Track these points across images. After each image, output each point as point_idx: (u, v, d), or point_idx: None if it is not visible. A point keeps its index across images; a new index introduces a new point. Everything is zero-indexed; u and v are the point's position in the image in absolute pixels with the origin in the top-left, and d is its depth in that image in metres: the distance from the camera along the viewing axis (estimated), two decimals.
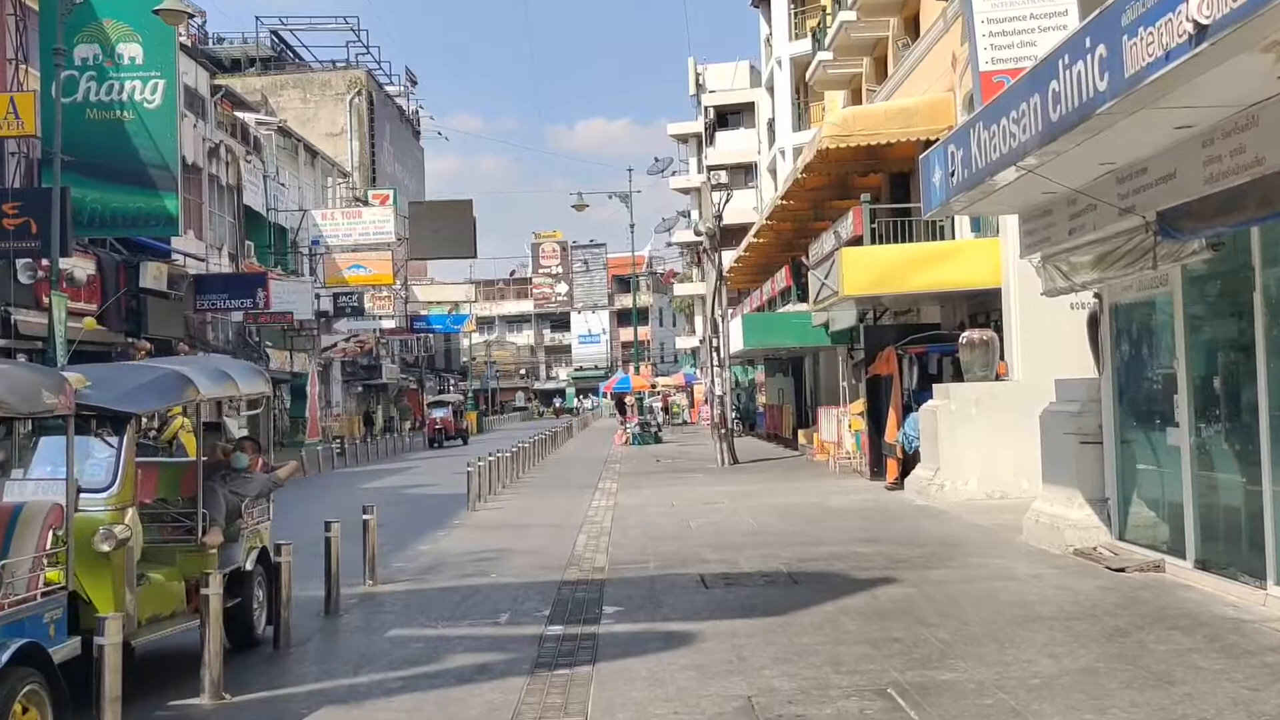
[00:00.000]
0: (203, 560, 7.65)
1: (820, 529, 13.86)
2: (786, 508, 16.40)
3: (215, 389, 7.97)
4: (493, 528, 15.76)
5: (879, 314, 21.50)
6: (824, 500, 17.20)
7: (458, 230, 49.69)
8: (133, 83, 28.67)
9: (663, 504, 17.74)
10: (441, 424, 44.03)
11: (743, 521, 15.04)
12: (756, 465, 25.85)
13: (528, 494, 20.97)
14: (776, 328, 29.43)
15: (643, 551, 12.59)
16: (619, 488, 21.22)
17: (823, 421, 25.22)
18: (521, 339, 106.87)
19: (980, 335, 16.63)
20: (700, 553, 12.28)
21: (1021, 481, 15.91)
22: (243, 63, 70.71)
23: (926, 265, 17.32)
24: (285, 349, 44.87)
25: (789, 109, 40.20)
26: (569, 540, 13.84)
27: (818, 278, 20.00)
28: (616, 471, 25.85)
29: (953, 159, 10.27)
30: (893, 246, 18.38)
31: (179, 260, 34.90)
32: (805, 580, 10.32)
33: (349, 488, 24.55)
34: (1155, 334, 10.23)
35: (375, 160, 70.77)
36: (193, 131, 37.64)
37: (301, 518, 18.37)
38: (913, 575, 10.24)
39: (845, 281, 17.36)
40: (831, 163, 23.13)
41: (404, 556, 13.20)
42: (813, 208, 29.00)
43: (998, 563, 10.72)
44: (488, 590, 10.60)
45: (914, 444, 17.55)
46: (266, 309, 36.22)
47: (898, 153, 23.33)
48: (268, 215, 43.87)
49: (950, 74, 20.25)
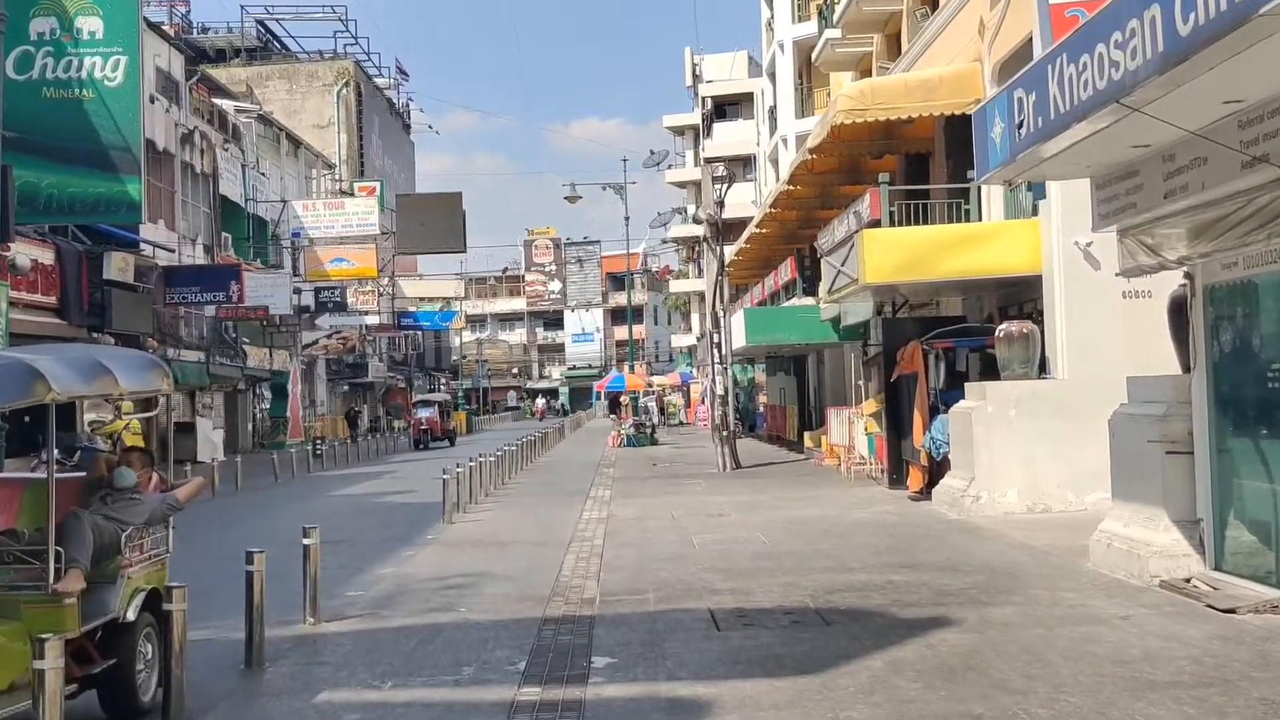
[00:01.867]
0: (58, 614, 5.75)
1: (844, 549, 12.00)
2: (801, 522, 14.54)
3: (79, 385, 6.06)
4: (469, 544, 13.87)
5: (898, 306, 19.61)
6: (842, 513, 15.33)
7: (446, 224, 47.58)
8: (93, 59, 26.74)
9: (661, 516, 15.88)
10: (427, 424, 42.05)
11: (753, 538, 13.17)
12: (760, 470, 23.98)
13: (512, 503, 19.08)
14: (781, 323, 27.57)
15: (640, 577, 10.72)
16: (613, 495, 19.35)
17: (832, 423, 23.35)
18: (514, 337, 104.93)
19: (1020, 327, 14.78)
20: (707, 579, 10.42)
21: (1067, 493, 14.14)
22: (227, 53, 68.85)
23: (957, 249, 15.44)
24: (264, 346, 42.92)
25: (791, 95, 38.35)
26: (555, 561, 11.98)
27: (832, 265, 18.12)
28: (610, 476, 23.97)
29: (1021, 107, 8.40)
30: (920, 228, 16.52)
31: (147, 251, 32.96)
32: (839, 620, 8.45)
33: (319, 494, 22.65)
34: (1267, 320, 8.36)
35: (364, 154, 68.83)
36: (165, 116, 35.69)
37: (262, 529, 16.61)
38: (971, 615, 8.38)
39: (866, 267, 15.47)
40: (844, 142, 21.27)
41: (361, 582, 11.31)
42: (819, 195, 27.13)
43: (1070, 597, 8.85)
44: (452, 631, 8.71)
45: (942, 450, 15.69)
46: (240, 303, 34.22)
47: (916, 131, 21.51)
48: (246, 206, 41.91)
49: (976, 43, 18.41)
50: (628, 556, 12.08)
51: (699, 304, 66.49)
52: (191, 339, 37.68)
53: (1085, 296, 14.27)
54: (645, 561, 11.68)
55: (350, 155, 67.24)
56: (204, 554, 13.12)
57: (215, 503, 21.50)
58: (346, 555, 13.32)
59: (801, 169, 23.58)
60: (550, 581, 10.73)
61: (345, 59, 69.34)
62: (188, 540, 15.16)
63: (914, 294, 18.95)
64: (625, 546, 12.84)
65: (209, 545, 14.61)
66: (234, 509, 20.53)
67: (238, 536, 15.84)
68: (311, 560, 8.98)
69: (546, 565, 11.76)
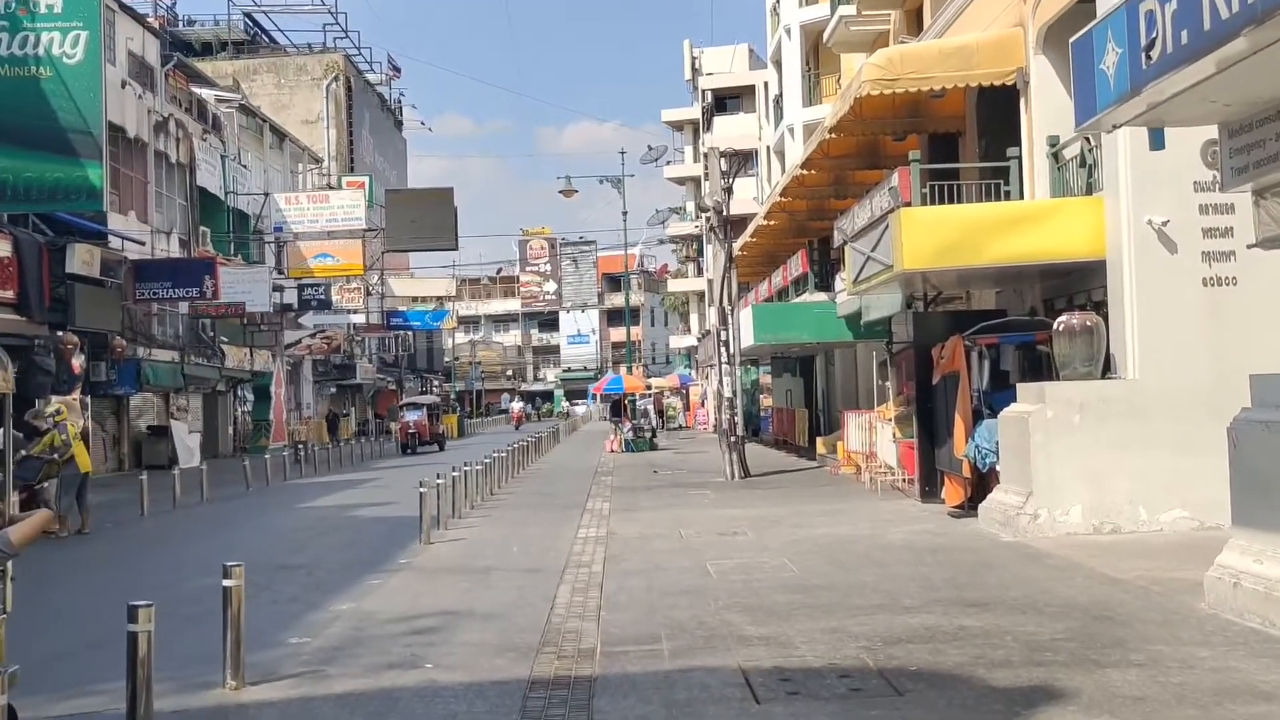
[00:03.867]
0: None
1: (891, 580, 10.06)
2: (831, 543, 12.60)
3: None
4: (447, 571, 11.92)
5: (930, 299, 17.66)
6: (876, 532, 13.40)
7: (437, 220, 45.61)
8: (50, 34, 24.81)
9: (668, 534, 13.94)
10: (415, 428, 39.98)
11: (779, 565, 11.24)
12: (772, 480, 22.04)
13: (500, 517, 17.13)
14: (792, 320, 25.64)
15: (650, 618, 8.78)
16: (612, 508, 17.41)
17: (851, 428, 21.41)
18: (508, 339, 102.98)
19: (1083, 320, 12.85)
20: (733, 622, 8.49)
21: (1139, 511, 12.26)
22: (214, 46, 66.97)
23: (1007, 231, 13.45)
24: (245, 346, 40.93)
25: (799, 82, 36.45)
26: (546, 593, 10.05)
27: (859, 251, 16.17)
28: (609, 485, 22.03)
29: (1152, 22, 6.46)
30: (965, 206, 14.55)
31: (115, 244, 30.97)
32: (913, 688, 6.52)
33: (288, 506, 20.66)
34: None
35: (354, 150, 66.90)
36: (137, 103, 33.72)
37: (211, 551, 13.97)
38: (1085, 681, 6.45)
39: (904, 251, 13.51)
40: (865, 119, 19.39)
41: (310, 623, 9.33)
42: (833, 183, 25.25)
43: (1205, 657, 6.92)
44: (412, 701, 6.76)
45: (989, 460, 13.76)
46: (215, 299, 32.21)
47: (944, 108, 19.62)
48: (226, 199, 39.91)
49: (1017, 6, 16.49)
50: (633, 588, 10.14)
51: (698, 304, 64.57)
52: (166, 338, 35.69)
53: (1159, 284, 12.37)
54: (655, 596, 9.74)
55: (340, 152, 65.30)
56: (129, 585, 11.16)
57: (173, 515, 19.54)
58: (301, 584, 11.37)
59: (818, 152, 21.67)
60: (540, 623, 8.80)
61: (335, 52, 67.48)
62: (117, 565, 13.06)
63: (946, 285, 16.99)
64: (630, 575, 10.89)
65: (140, 572, 12.71)
66: (189, 523, 18.57)
67: (180, 559, 13.91)
68: (234, 606, 7.01)
69: (536, 599, 9.83)
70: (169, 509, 20.23)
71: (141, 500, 19.42)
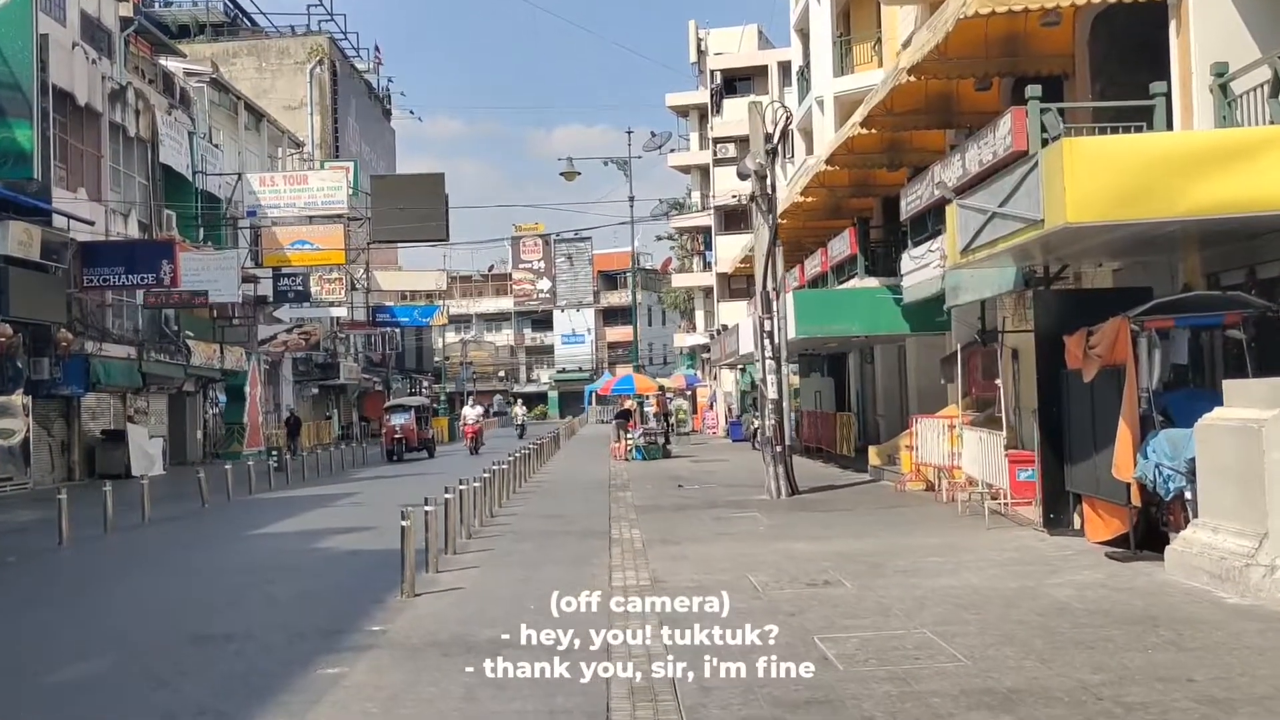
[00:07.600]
0: None
1: (1126, 676, 6.44)
2: (977, 603, 8.95)
3: None
4: (437, 654, 8.22)
5: (1051, 275, 13.94)
6: (1029, 585, 9.72)
7: (427, 209, 41.78)
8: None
9: (735, 582, 10.19)
10: (402, 432, 36.19)
11: (923, 643, 7.59)
12: (827, 498, 18.39)
13: (506, 551, 13.45)
14: (840, 308, 22.06)
15: None
16: (645, 540, 13.70)
17: (926, 436, 17.74)
18: (501, 338, 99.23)
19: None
20: None
21: None
22: (191, 29, 63.32)
23: (1210, 171, 9.79)
24: (214, 341, 37.11)
25: (828, 51, 32.83)
26: (592, 708, 6.39)
27: (974, 210, 12.47)
28: (630, 504, 18.34)
29: None
30: (1153, 136, 10.82)
31: (61, 224, 27.22)
32: None
33: (238, 533, 16.91)
34: None
35: (339, 138, 63.18)
36: (90, 67, 29.93)
37: (121, 604, 8.91)
38: None
39: (1067, 198, 9.79)
40: (950, 59, 15.82)
41: None
42: (887, 147, 21.67)
43: None
44: None
45: (1172, 484, 10.14)
46: (174, 286, 28.44)
47: (1049, 44, 16.05)
48: (193, 179, 36.09)
49: None
50: (728, 699, 6.48)
51: (704, 300, 60.90)
52: (122, 332, 31.91)
53: None
54: (765, 711, 6.08)
55: (325, 139, 61.61)
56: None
57: (101, 543, 15.85)
58: (216, 681, 7.65)
59: (881, 106, 18.06)
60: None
61: (319, 35, 63.87)
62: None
63: (1090, 252, 13.17)
64: (712, 669, 7.19)
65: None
66: (107, 559, 14.87)
67: (50, 627, 10.16)
68: None
69: (579, 717, 6.16)
70: (99, 533, 16.56)
71: (60, 525, 15.68)
